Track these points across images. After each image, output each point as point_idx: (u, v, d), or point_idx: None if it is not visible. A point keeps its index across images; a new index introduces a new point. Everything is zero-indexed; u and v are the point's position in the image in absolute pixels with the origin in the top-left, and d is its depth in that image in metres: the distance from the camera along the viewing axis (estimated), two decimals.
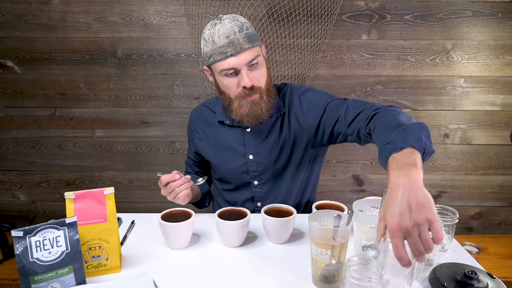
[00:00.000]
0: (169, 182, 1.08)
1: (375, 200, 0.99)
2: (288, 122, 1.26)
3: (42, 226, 0.82)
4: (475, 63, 1.88)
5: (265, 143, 1.26)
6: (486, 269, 0.88)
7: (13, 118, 1.97)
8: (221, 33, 1.08)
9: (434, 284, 0.85)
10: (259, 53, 1.13)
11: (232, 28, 1.08)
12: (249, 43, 1.09)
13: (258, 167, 1.28)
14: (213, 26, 1.10)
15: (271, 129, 1.26)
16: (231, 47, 1.08)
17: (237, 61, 1.09)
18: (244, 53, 1.09)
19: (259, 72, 1.14)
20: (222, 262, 0.97)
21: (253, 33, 1.12)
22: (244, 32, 1.09)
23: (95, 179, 2.06)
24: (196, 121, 1.37)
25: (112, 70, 1.90)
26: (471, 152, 2.00)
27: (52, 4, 1.80)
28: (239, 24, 1.09)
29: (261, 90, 1.14)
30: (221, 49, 1.08)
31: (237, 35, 1.08)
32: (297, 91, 1.28)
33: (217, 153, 1.32)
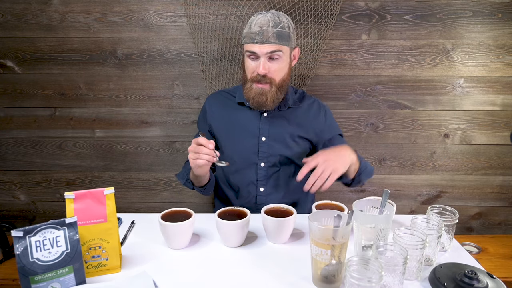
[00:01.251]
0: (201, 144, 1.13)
1: (375, 200, 0.99)
2: (304, 117, 1.42)
3: (42, 226, 0.82)
4: (475, 63, 1.88)
5: (280, 129, 1.39)
6: (486, 269, 0.88)
7: (13, 118, 1.97)
8: (258, 22, 1.23)
9: (434, 284, 0.85)
10: (284, 51, 1.26)
11: (268, 21, 1.23)
12: (277, 39, 1.23)
13: (269, 149, 1.38)
14: (257, 14, 1.26)
15: (288, 118, 1.40)
16: (260, 35, 1.22)
17: (259, 48, 1.23)
18: (268, 45, 1.22)
19: (276, 65, 1.27)
20: (222, 262, 0.97)
21: (287, 33, 1.25)
22: (277, 29, 1.23)
23: (95, 179, 2.06)
24: (214, 101, 1.48)
25: (112, 70, 1.90)
26: (471, 152, 2.00)
27: (52, 4, 1.80)
28: (277, 21, 1.24)
29: (273, 81, 1.28)
30: (252, 35, 1.24)
31: (269, 28, 1.22)
32: (317, 101, 1.49)
33: (230, 132, 1.42)
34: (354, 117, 1.96)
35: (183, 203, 2.07)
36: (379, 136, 1.99)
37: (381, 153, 2.02)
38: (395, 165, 2.03)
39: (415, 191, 2.07)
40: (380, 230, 0.91)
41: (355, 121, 1.97)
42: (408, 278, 0.89)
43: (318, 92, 1.92)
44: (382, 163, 2.03)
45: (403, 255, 0.80)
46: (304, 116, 1.43)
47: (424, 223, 0.96)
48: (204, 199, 2.05)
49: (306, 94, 1.50)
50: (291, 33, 1.28)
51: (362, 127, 1.98)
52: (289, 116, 1.41)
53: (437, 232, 0.92)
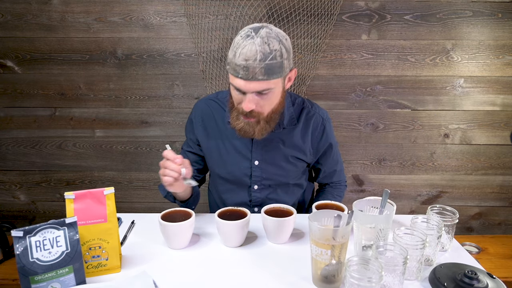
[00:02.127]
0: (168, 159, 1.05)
1: (375, 200, 0.99)
2: (300, 137, 1.27)
3: (42, 226, 0.82)
4: (475, 63, 1.88)
5: (274, 152, 1.26)
6: (486, 269, 0.88)
7: (13, 118, 1.97)
8: (243, 52, 1.01)
9: (434, 284, 0.85)
10: (275, 85, 1.07)
11: (255, 53, 1.00)
12: (265, 75, 1.02)
13: (263, 173, 1.28)
14: (245, 38, 1.02)
15: (284, 139, 1.26)
16: (244, 71, 1.02)
17: (245, 85, 1.04)
18: (255, 83, 1.03)
19: (266, 100, 1.09)
20: (222, 262, 0.97)
21: (279, 64, 1.03)
22: (266, 62, 1.01)
23: (95, 179, 2.06)
24: (204, 116, 1.30)
25: (112, 70, 1.90)
26: (471, 152, 2.00)
27: (52, 4, 1.80)
28: (266, 52, 1.00)
29: (260, 115, 1.12)
30: (236, 67, 1.03)
31: (255, 63, 1.00)
32: (317, 114, 1.29)
33: (220, 152, 1.29)
34: (354, 117, 1.96)
35: None
36: (379, 136, 1.99)
37: (381, 153, 2.02)
38: (395, 165, 2.03)
39: (415, 191, 2.07)
40: (380, 230, 0.91)
41: (355, 121, 1.97)
42: (408, 278, 0.88)
43: (318, 92, 1.92)
44: (382, 163, 2.03)
45: (403, 255, 0.80)
46: (300, 135, 1.27)
47: (424, 223, 0.96)
48: (204, 199, 2.04)
49: (305, 104, 1.29)
50: (285, 60, 1.05)
51: (362, 127, 1.98)
52: (284, 137, 1.25)
53: (437, 232, 0.92)
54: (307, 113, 1.28)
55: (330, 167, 1.38)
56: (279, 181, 1.29)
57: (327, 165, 1.37)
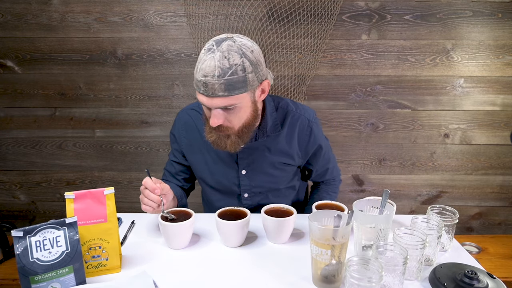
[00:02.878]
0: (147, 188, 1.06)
1: (375, 200, 0.99)
2: (286, 142, 1.23)
3: (42, 226, 0.82)
4: (475, 63, 1.88)
5: (260, 160, 1.23)
6: (486, 269, 0.88)
7: (13, 118, 1.97)
8: (203, 67, 0.97)
9: (434, 284, 0.85)
10: (240, 101, 1.02)
11: (214, 69, 0.96)
12: (226, 91, 0.98)
13: (251, 181, 1.26)
14: (206, 52, 0.99)
15: (269, 146, 1.22)
16: (204, 87, 0.98)
17: (207, 101, 1.01)
18: (217, 99, 0.99)
19: (233, 115, 1.05)
20: (222, 262, 0.97)
21: (241, 79, 0.98)
22: (226, 78, 0.96)
23: (95, 179, 2.06)
24: (187, 127, 1.27)
25: (112, 70, 1.90)
26: (471, 152, 2.00)
27: (52, 4, 1.80)
28: (225, 67, 0.96)
29: (230, 130, 1.08)
30: (197, 83, 1.00)
31: (214, 79, 0.96)
32: (303, 116, 1.24)
33: (206, 163, 1.26)
34: (354, 117, 1.96)
35: None
36: (379, 136, 1.99)
37: (381, 153, 2.02)
38: (395, 165, 2.03)
39: (415, 191, 2.07)
40: (380, 230, 0.91)
41: (355, 121, 1.97)
42: (408, 278, 0.89)
43: (318, 92, 1.92)
44: (382, 163, 2.03)
45: (403, 255, 0.80)
46: (286, 141, 1.23)
47: (424, 223, 0.96)
48: None
49: (289, 107, 1.23)
50: (249, 73, 0.99)
51: (362, 127, 1.98)
52: (269, 144, 1.21)
53: (437, 232, 0.92)
54: (292, 116, 1.23)
55: (322, 166, 1.36)
56: (269, 188, 1.27)
57: (319, 165, 1.35)
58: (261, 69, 1.04)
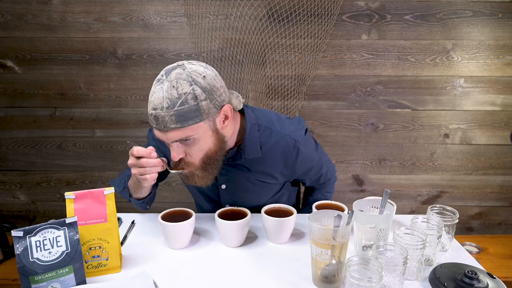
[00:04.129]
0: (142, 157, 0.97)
1: (375, 200, 0.99)
2: (270, 163, 1.15)
3: (42, 226, 0.82)
4: (475, 63, 1.88)
5: (240, 177, 1.17)
6: (486, 269, 0.88)
7: (13, 118, 1.97)
8: (152, 100, 0.91)
9: (434, 284, 0.85)
10: (196, 131, 0.93)
11: (162, 101, 0.89)
12: (178, 123, 0.90)
13: (232, 196, 1.21)
14: (156, 83, 0.92)
15: (249, 167, 1.15)
16: (155, 121, 0.92)
17: (162, 136, 0.94)
18: (170, 133, 0.92)
19: (193, 148, 0.97)
20: (222, 262, 0.97)
21: (194, 108, 0.90)
22: (176, 109, 0.88)
23: (95, 179, 2.06)
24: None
25: (112, 70, 1.90)
26: (471, 152, 2.00)
27: (52, 4, 1.80)
28: (174, 97, 0.88)
29: (192, 165, 1.00)
30: (149, 116, 0.93)
31: (163, 111, 0.89)
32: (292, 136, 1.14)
33: None
34: (354, 117, 1.96)
35: (183, 203, 2.06)
36: (379, 136, 1.99)
37: (381, 153, 2.02)
38: (395, 165, 2.03)
39: (415, 191, 2.07)
40: (380, 230, 0.91)
41: (355, 121, 1.97)
42: (408, 278, 0.88)
43: (318, 92, 1.92)
44: (382, 163, 2.03)
45: (403, 255, 0.80)
46: (268, 162, 1.14)
47: (424, 223, 0.96)
48: None
49: (274, 127, 1.12)
50: (203, 101, 0.90)
51: (362, 127, 1.98)
52: (249, 164, 1.14)
53: (437, 232, 0.92)
54: (275, 136, 1.12)
55: (315, 175, 1.28)
56: (251, 203, 1.19)
57: (311, 175, 1.27)
58: (218, 95, 0.95)
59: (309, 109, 1.94)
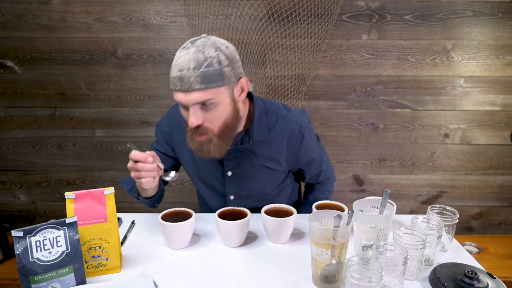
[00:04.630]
0: (139, 161, 0.99)
1: (375, 200, 0.99)
2: (276, 148, 1.19)
3: (42, 226, 0.82)
4: (475, 63, 1.88)
5: (246, 163, 1.20)
6: (486, 269, 0.88)
7: (13, 118, 1.97)
8: (178, 63, 0.96)
9: (434, 284, 0.85)
10: (218, 96, 0.99)
11: (188, 62, 0.95)
12: (202, 84, 0.95)
13: (237, 183, 1.23)
14: (181, 50, 0.98)
15: (255, 151, 1.18)
16: (180, 81, 0.96)
17: (185, 98, 0.98)
18: (194, 93, 0.96)
19: (212, 113, 1.01)
20: (222, 262, 0.97)
21: (218, 72, 0.96)
22: (202, 70, 0.94)
23: (95, 179, 2.06)
24: (179, 122, 1.23)
25: (112, 70, 1.90)
26: (471, 152, 2.00)
27: (52, 4, 1.80)
28: (200, 59, 0.95)
29: (210, 132, 1.03)
30: (173, 80, 0.98)
31: (189, 72, 0.94)
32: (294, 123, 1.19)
33: (195, 162, 1.24)
34: (354, 117, 1.96)
35: (183, 203, 2.07)
36: (379, 136, 1.99)
37: (381, 153, 2.02)
38: (395, 165, 2.03)
39: (415, 191, 2.07)
40: (380, 230, 0.91)
41: (355, 121, 1.97)
42: (408, 278, 0.89)
43: (318, 92, 1.92)
44: (382, 163, 2.03)
45: (403, 255, 0.80)
46: (274, 147, 1.19)
47: (424, 223, 0.96)
48: None
49: (280, 112, 1.19)
50: (225, 67, 0.98)
51: (362, 127, 1.98)
52: (256, 149, 1.17)
53: (437, 232, 0.92)
54: (282, 121, 1.19)
55: (315, 169, 1.33)
56: (255, 192, 1.24)
57: (312, 169, 1.31)
58: (237, 66, 1.02)
59: (309, 109, 1.94)
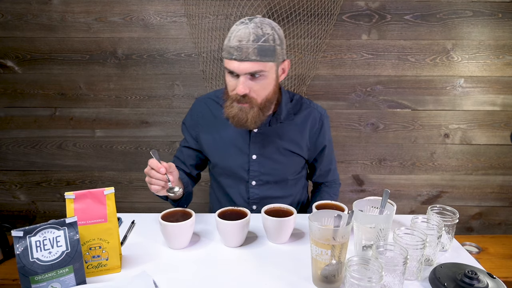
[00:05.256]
0: (152, 168, 1.06)
1: (375, 200, 0.99)
2: (298, 131, 1.29)
3: (42, 226, 0.82)
4: (475, 63, 1.88)
5: (272, 146, 1.27)
6: (486, 269, 0.88)
7: (13, 118, 1.97)
8: (238, 34, 1.07)
9: (434, 284, 0.85)
10: (268, 69, 1.11)
11: (249, 35, 1.06)
12: (258, 56, 1.07)
13: (260, 167, 1.29)
14: (239, 24, 1.10)
15: (281, 134, 1.28)
16: (238, 51, 1.07)
17: (239, 67, 1.08)
18: (248, 63, 1.07)
19: (259, 85, 1.12)
20: (222, 262, 0.97)
21: (271, 48, 1.09)
22: (259, 43, 1.07)
23: (95, 179, 2.06)
24: (202, 113, 1.33)
25: (112, 70, 1.90)
26: (471, 152, 2.00)
27: (52, 4, 1.80)
28: (259, 34, 1.07)
29: (254, 101, 1.14)
30: (230, 49, 1.08)
31: (249, 43, 1.06)
32: (316, 110, 1.33)
33: (218, 146, 1.30)
34: (354, 117, 1.96)
35: None
36: (379, 136, 1.99)
37: (381, 153, 2.02)
38: (395, 165, 2.03)
39: (415, 191, 2.07)
40: (380, 230, 0.91)
41: (355, 121, 1.97)
42: (408, 278, 0.89)
43: (318, 92, 1.92)
44: (382, 163, 2.03)
45: (403, 255, 0.80)
46: (298, 130, 1.30)
47: (424, 223, 0.96)
48: (204, 199, 2.05)
49: (304, 101, 1.34)
50: (278, 46, 1.10)
51: (362, 127, 1.98)
52: (281, 131, 1.28)
53: (437, 232, 0.92)
54: (306, 108, 1.32)
55: (326, 165, 1.40)
56: (277, 176, 1.30)
57: (323, 163, 1.39)
58: (285, 48, 1.15)
59: None
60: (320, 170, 1.41)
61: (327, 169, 1.41)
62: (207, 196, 2.04)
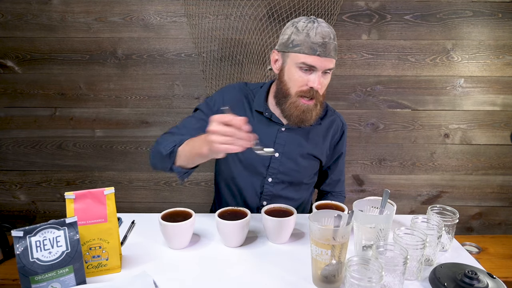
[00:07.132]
0: (231, 125, 0.89)
1: (375, 200, 0.99)
2: (322, 136, 1.32)
3: (42, 226, 0.82)
4: (475, 63, 1.88)
5: (296, 146, 1.28)
6: (486, 269, 0.88)
7: (13, 118, 1.97)
8: (319, 31, 1.09)
9: (434, 284, 0.85)
10: (334, 66, 1.17)
11: (329, 33, 1.11)
12: (335, 53, 1.13)
13: (280, 166, 1.28)
14: (311, 22, 1.11)
15: (307, 136, 1.29)
16: (322, 48, 1.09)
17: (321, 62, 1.11)
18: (329, 60, 1.12)
19: (326, 81, 1.17)
20: (222, 262, 0.97)
21: (337, 46, 1.15)
22: (335, 42, 1.13)
23: (95, 179, 2.06)
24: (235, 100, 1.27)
25: (112, 70, 1.90)
26: (471, 152, 2.00)
27: (52, 4, 1.80)
28: (333, 33, 1.13)
29: (319, 97, 1.17)
30: (313, 45, 1.09)
31: (331, 40, 1.11)
32: (339, 118, 1.37)
33: None
34: (354, 117, 1.96)
35: (183, 203, 2.07)
36: (379, 136, 1.99)
37: (381, 153, 2.02)
38: (395, 165, 2.03)
39: (415, 191, 2.07)
40: (380, 230, 0.91)
41: (355, 121, 1.97)
42: (408, 278, 0.89)
43: None
44: (382, 163, 2.03)
45: (403, 255, 0.80)
46: (322, 135, 1.32)
47: (424, 223, 0.96)
48: (204, 199, 2.05)
49: (329, 107, 1.36)
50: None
51: (362, 127, 1.98)
52: (307, 133, 1.29)
53: (437, 232, 0.92)
54: (331, 115, 1.34)
55: (337, 175, 1.43)
56: (294, 178, 1.31)
57: (335, 172, 1.42)
58: None
59: None
60: (331, 178, 1.42)
61: (337, 178, 1.43)
62: (207, 196, 2.04)
